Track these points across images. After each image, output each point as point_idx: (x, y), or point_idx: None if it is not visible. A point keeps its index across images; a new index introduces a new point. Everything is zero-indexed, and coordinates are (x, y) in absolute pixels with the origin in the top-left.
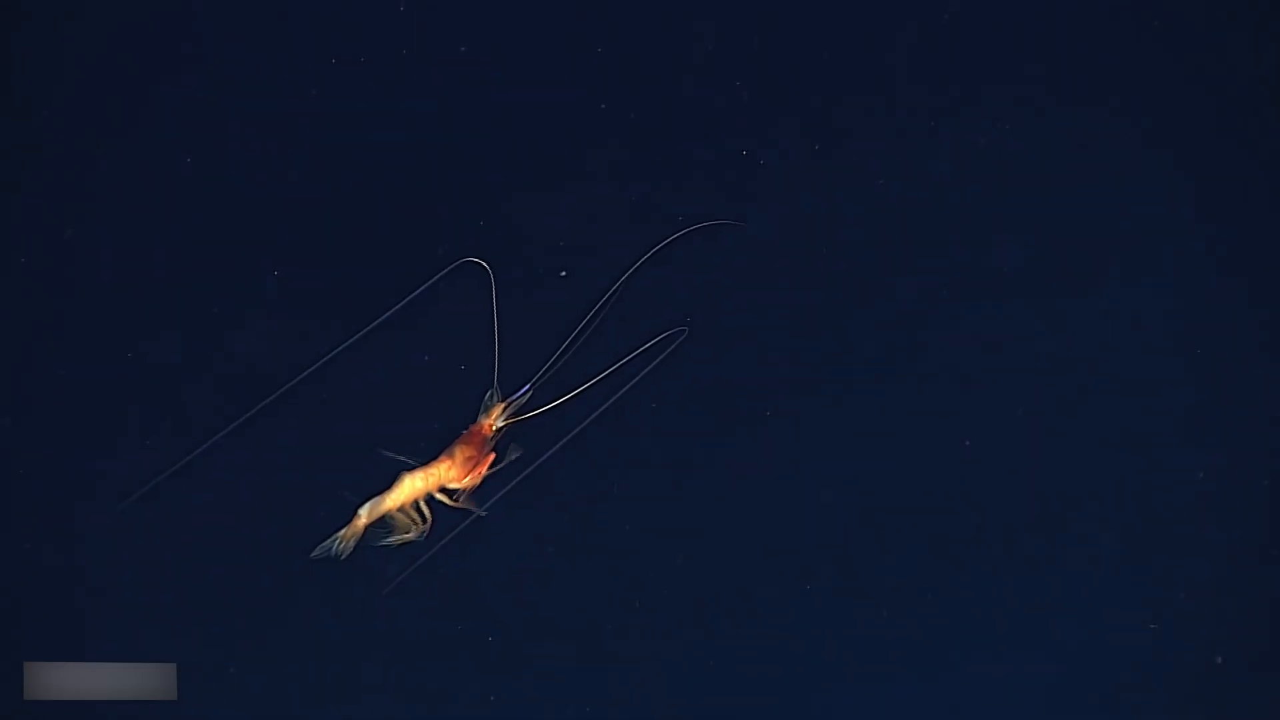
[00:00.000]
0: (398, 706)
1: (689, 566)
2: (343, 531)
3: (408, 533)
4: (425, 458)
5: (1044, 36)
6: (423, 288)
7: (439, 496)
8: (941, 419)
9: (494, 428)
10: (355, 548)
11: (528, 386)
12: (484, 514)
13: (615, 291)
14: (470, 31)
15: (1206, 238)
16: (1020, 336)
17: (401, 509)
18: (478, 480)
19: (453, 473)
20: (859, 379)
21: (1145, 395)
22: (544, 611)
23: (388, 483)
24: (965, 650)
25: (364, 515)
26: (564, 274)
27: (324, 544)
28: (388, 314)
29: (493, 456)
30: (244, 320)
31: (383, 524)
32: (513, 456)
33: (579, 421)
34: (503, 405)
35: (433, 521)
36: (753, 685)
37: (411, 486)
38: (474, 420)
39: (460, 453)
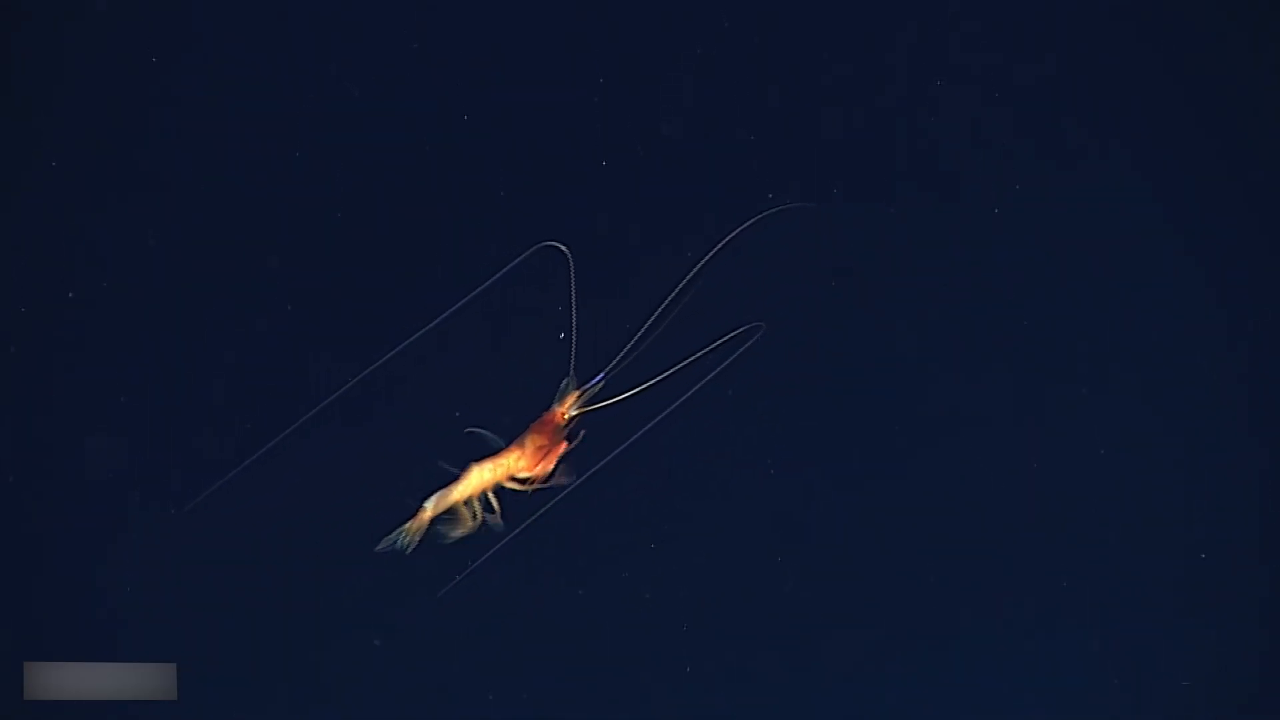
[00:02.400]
0: (398, 707)
1: (750, 567)
2: (408, 525)
3: (466, 526)
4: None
5: (1044, 36)
6: (499, 274)
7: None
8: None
9: (566, 416)
10: (420, 541)
11: (602, 375)
12: (533, 490)
13: (691, 281)
14: (470, 31)
15: (1208, 239)
16: (1028, 339)
17: (467, 501)
18: (548, 469)
19: (523, 462)
20: (863, 382)
21: (1150, 398)
22: (553, 613)
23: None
24: (970, 654)
25: (429, 508)
26: (563, 336)
27: (389, 537)
28: (461, 302)
29: (564, 445)
30: (246, 320)
31: (448, 517)
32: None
33: (640, 413)
34: (577, 393)
35: (500, 512)
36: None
37: (480, 477)
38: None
39: (531, 441)
